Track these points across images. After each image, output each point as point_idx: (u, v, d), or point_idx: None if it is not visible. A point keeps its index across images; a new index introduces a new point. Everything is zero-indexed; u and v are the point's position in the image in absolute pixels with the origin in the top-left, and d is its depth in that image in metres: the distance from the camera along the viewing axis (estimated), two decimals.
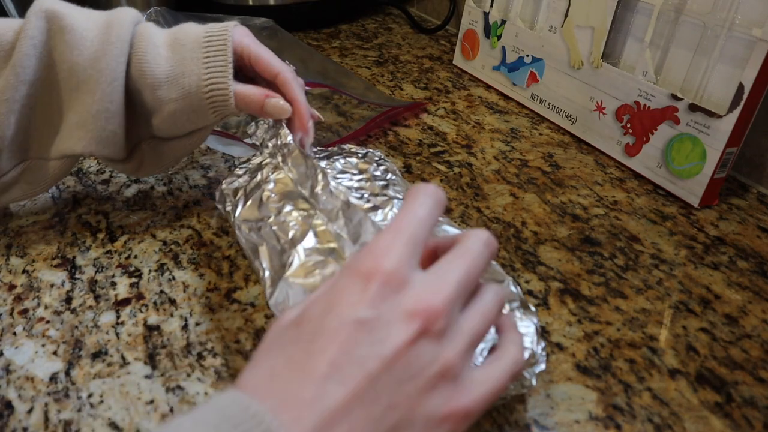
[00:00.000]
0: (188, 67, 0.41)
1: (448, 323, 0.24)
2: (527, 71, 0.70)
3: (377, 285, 0.23)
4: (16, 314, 0.40)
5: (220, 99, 0.42)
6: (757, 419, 0.34)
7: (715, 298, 0.43)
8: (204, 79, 0.41)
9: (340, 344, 0.22)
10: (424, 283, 0.24)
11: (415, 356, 0.23)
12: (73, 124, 0.42)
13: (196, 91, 0.42)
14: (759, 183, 0.57)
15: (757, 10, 0.48)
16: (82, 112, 0.41)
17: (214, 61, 0.42)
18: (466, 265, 0.26)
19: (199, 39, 0.42)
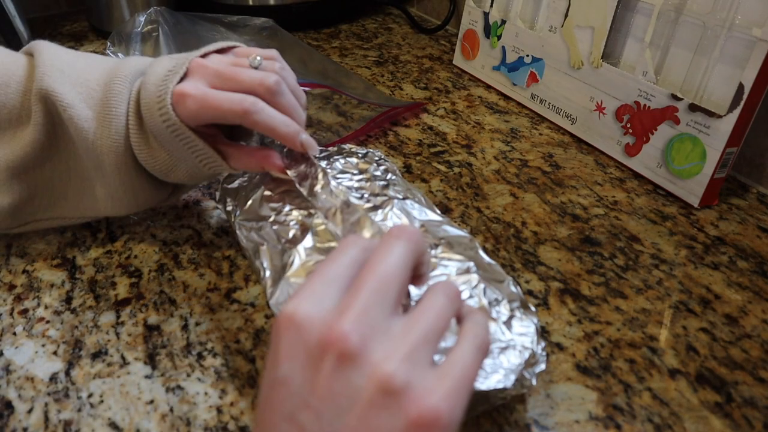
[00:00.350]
0: (179, 157, 0.41)
1: (365, 338, 0.22)
2: (527, 71, 0.70)
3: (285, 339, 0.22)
4: (16, 314, 0.40)
5: (219, 167, 0.42)
6: (757, 419, 0.34)
7: (715, 298, 0.43)
8: (199, 161, 0.41)
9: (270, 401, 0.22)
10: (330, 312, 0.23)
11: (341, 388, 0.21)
12: (102, 197, 0.43)
13: (197, 173, 0.42)
14: (759, 183, 0.57)
15: (757, 10, 0.48)
16: (108, 186, 0.42)
17: (193, 147, 0.40)
18: (377, 266, 0.24)
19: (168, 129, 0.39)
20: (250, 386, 0.36)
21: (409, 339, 0.22)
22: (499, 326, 0.33)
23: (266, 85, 0.39)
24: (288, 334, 0.22)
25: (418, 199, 0.43)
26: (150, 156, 0.41)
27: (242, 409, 0.34)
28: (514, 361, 0.31)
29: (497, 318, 0.33)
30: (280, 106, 0.40)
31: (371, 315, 0.22)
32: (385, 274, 0.23)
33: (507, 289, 0.35)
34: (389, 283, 0.23)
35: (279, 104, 0.40)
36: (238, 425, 0.33)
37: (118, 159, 0.40)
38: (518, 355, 0.32)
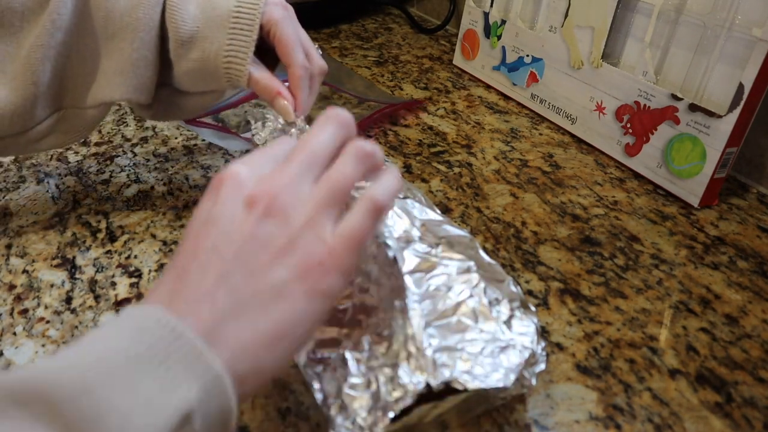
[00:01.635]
0: (213, 33, 0.41)
1: (291, 200, 0.26)
2: (527, 71, 0.70)
3: (222, 188, 0.27)
4: (16, 314, 0.40)
5: (235, 73, 0.42)
6: (757, 419, 0.34)
7: (715, 298, 0.43)
8: (225, 50, 0.41)
9: (199, 242, 0.26)
10: (265, 175, 0.27)
11: (262, 234, 0.26)
12: (111, 72, 0.42)
13: (215, 59, 0.41)
14: (759, 183, 0.57)
15: (757, 10, 0.48)
16: (120, 59, 0.41)
17: (239, 36, 0.41)
18: (309, 147, 0.28)
19: (231, 6, 0.41)
20: None
21: (319, 202, 0.27)
22: (499, 326, 0.33)
23: (323, 68, 0.45)
24: (227, 185, 0.26)
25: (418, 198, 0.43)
26: (183, 10, 0.41)
27: (242, 409, 0.34)
28: (514, 361, 0.31)
29: (497, 317, 0.33)
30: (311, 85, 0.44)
31: (299, 181, 0.27)
32: (313, 151, 0.28)
33: (507, 289, 0.35)
34: (319, 157, 0.28)
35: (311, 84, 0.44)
36: (238, 425, 0.33)
37: (146, 13, 0.41)
38: (518, 354, 0.32)
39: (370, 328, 0.32)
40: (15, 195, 0.52)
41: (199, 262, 0.25)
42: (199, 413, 0.22)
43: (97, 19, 0.41)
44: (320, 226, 0.26)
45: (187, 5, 0.42)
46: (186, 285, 0.24)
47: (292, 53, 0.42)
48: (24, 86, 0.40)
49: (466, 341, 0.32)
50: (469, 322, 0.33)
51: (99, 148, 0.61)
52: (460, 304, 0.34)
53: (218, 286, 0.24)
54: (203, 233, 0.26)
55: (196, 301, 0.24)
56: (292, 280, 0.25)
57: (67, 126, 0.44)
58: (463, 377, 0.30)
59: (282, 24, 0.42)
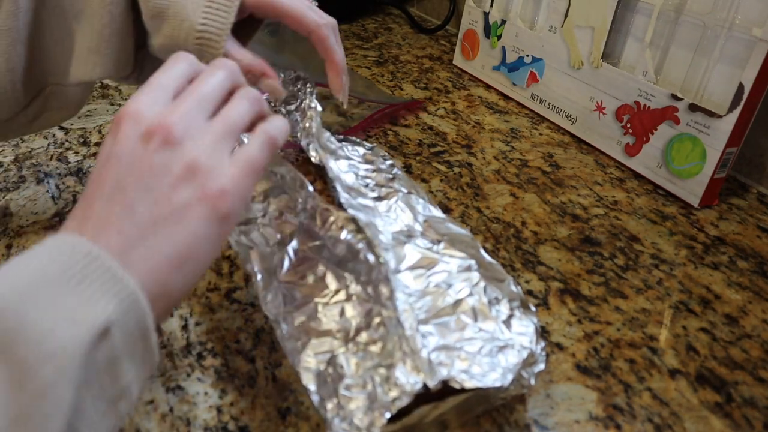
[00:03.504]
0: (186, 9, 0.38)
1: (186, 131, 0.27)
2: (527, 71, 0.70)
3: (120, 125, 0.27)
4: None
5: (209, 53, 0.39)
6: (757, 419, 0.34)
7: (715, 298, 0.43)
8: (198, 30, 0.38)
9: (108, 176, 0.27)
10: (162, 110, 0.28)
11: (161, 162, 0.27)
12: (85, 50, 0.40)
13: (185, 38, 0.39)
14: (759, 183, 0.57)
15: (757, 10, 0.48)
16: (92, 36, 0.40)
17: (215, 15, 0.38)
18: (202, 87, 0.29)
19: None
20: (250, 386, 0.36)
21: (214, 134, 0.28)
22: (498, 325, 0.33)
23: (332, 22, 0.42)
24: (126, 124, 0.27)
25: (421, 195, 0.43)
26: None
27: (242, 409, 0.34)
28: (512, 361, 0.31)
29: (497, 317, 0.33)
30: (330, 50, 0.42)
31: (192, 115, 0.28)
32: (207, 89, 0.29)
33: (507, 289, 0.35)
34: (210, 96, 0.29)
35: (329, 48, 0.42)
36: (238, 425, 0.33)
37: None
38: (516, 354, 0.32)
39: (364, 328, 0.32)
40: (15, 195, 0.52)
41: (105, 196, 0.26)
42: (118, 327, 0.23)
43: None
44: (218, 153, 0.28)
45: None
46: (95, 216, 0.26)
47: (305, 19, 0.40)
48: (2, 71, 0.39)
49: (464, 340, 0.32)
50: (468, 321, 0.33)
51: (99, 148, 0.61)
52: (460, 302, 0.34)
53: (124, 217, 0.26)
54: (106, 170, 0.27)
55: (106, 229, 0.25)
56: (193, 204, 0.27)
57: (58, 102, 0.43)
58: (461, 376, 0.30)
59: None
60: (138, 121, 0.27)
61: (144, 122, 0.27)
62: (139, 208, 0.26)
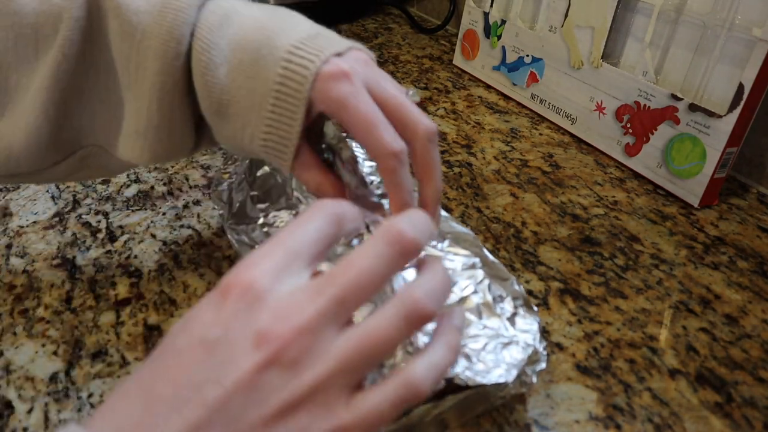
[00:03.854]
0: (246, 113, 0.32)
1: (306, 349, 0.21)
2: (527, 71, 0.70)
3: (232, 300, 0.21)
4: (16, 314, 0.40)
5: (279, 164, 0.33)
6: (757, 419, 0.34)
7: (715, 298, 0.43)
8: (262, 139, 0.32)
9: (183, 367, 0.21)
10: (287, 300, 0.21)
11: (261, 385, 0.21)
12: (133, 131, 0.34)
13: (250, 144, 0.32)
14: (759, 183, 0.57)
15: (757, 10, 0.48)
16: (140, 119, 0.34)
17: (279, 119, 0.31)
18: (351, 276, 0.22)
19: (273, 78, 0.30)
20: None
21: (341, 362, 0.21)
22: (503, 322, 0.33)
23: (430, 130, 0.31)
24: (237, 300, 0.21)
25: None
26: (211, 84, 0.32)
27: None
28: (517, 356, 0.31)
29: (501, 314, 0.33)
30: (421, 164, 0.31)
31: (322, 323, 0.21)
32: (356, 281, 0.22)
33: (511, 288, 0.35)
34: (357, 293, 0.22)
35: (422, 162, 0.31)
36: None
37: (164, 68, 0.31)
38: (521, 351, 0.32)
39: None
40: (15, 195, 0.52)
41: (178, 395, 0.20)
42: None
43: (119, 59, 0.33)
44: (334, 392, 0.21)
45: (216, 68, 0.32)
46: (153, 423, 0.20)
47: (370, 139, 0.30)
48: (30, 128, 0.34)
49: (468, 337, 0.32)
50: (472, 318, 0.33)
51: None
52: (465, 300, 0.34)
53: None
54: (194, 355, 0.21)
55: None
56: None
57: (97, 163, 0.38)
58: (465, 374, 0.30)
59: (347, 103, 0.30)
60: (253, 306, 0.21)
61: (261, 310, 0.21)
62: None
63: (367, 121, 0.29)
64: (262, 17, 0.33)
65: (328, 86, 0.30)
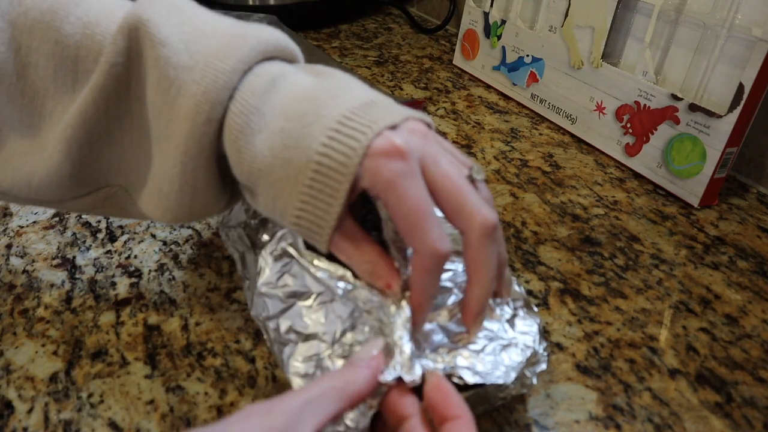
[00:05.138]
0: (281, 186, 0.28)
1: None
2: (527, 71, 0.70)
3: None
4: (16, 314, 0.40)
5: (312, 241, 0.30)
6: (757, 419, 0.34)
7: (715, 298, 0.43)
8: (295, 215, 0.28)
9: None
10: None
11: None
12: (157, 189, 0.32)
13: (282, 218, 0.29)
14: (759, 183, 0.57)
15: (757, 10, 0.48)
16: (164, 179, 0.31)
17: (313, 203, 0.28)
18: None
19: (314, 150, 0.27)
20: (250, 386, 0.36)
21: None
22: (502, 324, 0.33)
23: (488, 223, 0.28)
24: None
25: None
26: (243, 150, 0.29)
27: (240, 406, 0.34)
28: (516, 359, 0.31)
29: (501, 315, 0.33)
30: (471, 261, 0.29)
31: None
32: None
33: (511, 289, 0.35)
34: None
35: (473, 258, 0.29)
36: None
37: (192, 131, 0.29)
38: (520, 353, 0.32)
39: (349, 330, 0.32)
40: None
41: None
42: None
43: (152, 107, 0.31)
44: None
45: (251, 134, 0.29)
46: None
47: (413, 232, 0.27)
48: (53, 161, 0.33)
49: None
50: None
51: None
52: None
53: None
54: None
55: None
56: None
57: (120, 203, 0.36)
58: (464, 374, 0.30)
59: (396, 186, 0.26)
60: None
61: None
62: None
63: (415, 212, 0.26)
64: (312, 83, 0.30)
65: (379, 164, 0.26)
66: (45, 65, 0.32)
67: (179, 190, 0.31)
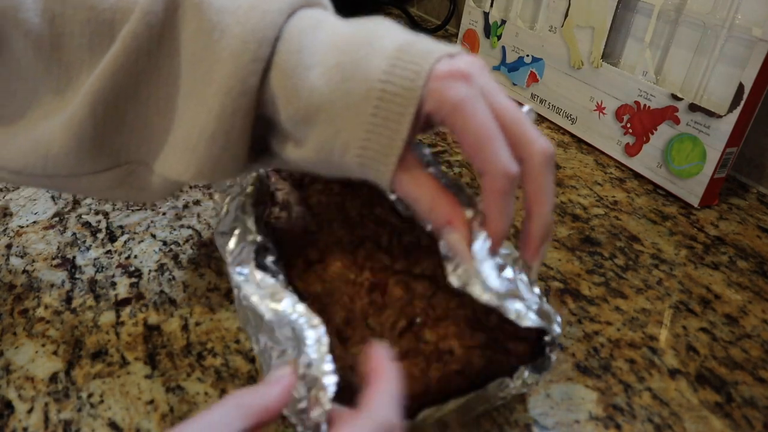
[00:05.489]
0: (341, 120, 0.28)
1: None
2: (527, 71, 0.70)
3: None
4: (16, 314, 0.40)
5: (375, 178, 0.29)
6: (757, 419, 0.34)
7: (715, 298, 0.43)
8: (357, 149, 0.28)
9: None
10: None
11: None
12: (180, 145, 0.31)
13: (341, 155, 0.28)
14: (759, 183, 0.57)
15: (757, 10, 0.48)
16: (192, 130, 0.30)
17: (381, 132, 0.27)
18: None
19: (375, 79, 0.27)
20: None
21: None
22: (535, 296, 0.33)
23: (548, 152, 0.28)
24: None
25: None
26: (299, 87, 0.28)
27: None
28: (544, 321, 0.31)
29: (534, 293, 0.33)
30: (532, 190, 0.29)
31: None
32: None
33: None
34: None
35: (533, 187, 0.29)
36: None
37: (237, 70, 0.28)
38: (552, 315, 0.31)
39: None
40: (15, 195, 0.52)
41: None
42: None
43: (185, 63, 0.30)
44: None
45: (306, 70, 0.28)
46: None
47: (482, 153, 0.27)
48: (74, 125, 0.31)
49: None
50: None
51: None
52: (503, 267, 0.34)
53: None
54: None
55: None
56: None
57: (138, 182, 0.35)
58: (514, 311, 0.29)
59: (463, 107, 0.26)
60: None
61: None
62: None
63: (484, 133, 0.26)
64: (356, 25, 0.30)
65: (444, 86, 0.26)
66: (80, 33, 0.31)
67: (210, 138, 0.30)
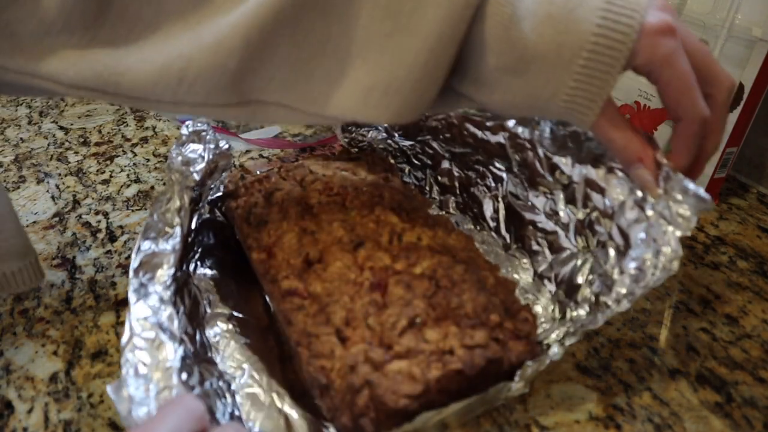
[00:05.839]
0: (552, 69, 0.30)
1: None
2: None
3: None
4: (16, 314, 0.40)
5: (575, 120, 0.32)
6: (757, 419, 0.34)
7: (715, 298, 0.43)
8: (566, 95, 0.30)
9: None
10: None
11: None
12: (372, 89, 0.31)
13: (548, 100, 0.31)
14: (759, 183, 0.57)
15: (757, 10, 0.48)
16: (396, 73, 0.30)
17: (592, 81, 0.30)
18: None
19: (590, 31, 0.29)
20: None
21: None
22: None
23: (733, 84, 0.32)
24: None
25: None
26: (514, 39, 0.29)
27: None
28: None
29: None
30: (716, 115, 0.32)
31: None
32: None
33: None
34: None
35: (718, 113, 0.32)
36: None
37: (448, 17, 0.29)
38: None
39: None
40: (15, 195, 0.52)
41: None
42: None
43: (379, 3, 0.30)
44: None
45: (520, 23, 0.29)
46: None
47: (681, 104, 0.31)
48: (218, 50, 0.29)
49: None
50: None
51: (99, 148, 0.61)
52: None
53: None
54: None
55: None
56: None
57: (272, 116, 0.33)
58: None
59: (673, 61, 0.30)
60: None
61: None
62: None
63: (687, 83, 0.30)
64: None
65: (656, 41, 0.29)
66: None
67: (416, 81, 0.30)
